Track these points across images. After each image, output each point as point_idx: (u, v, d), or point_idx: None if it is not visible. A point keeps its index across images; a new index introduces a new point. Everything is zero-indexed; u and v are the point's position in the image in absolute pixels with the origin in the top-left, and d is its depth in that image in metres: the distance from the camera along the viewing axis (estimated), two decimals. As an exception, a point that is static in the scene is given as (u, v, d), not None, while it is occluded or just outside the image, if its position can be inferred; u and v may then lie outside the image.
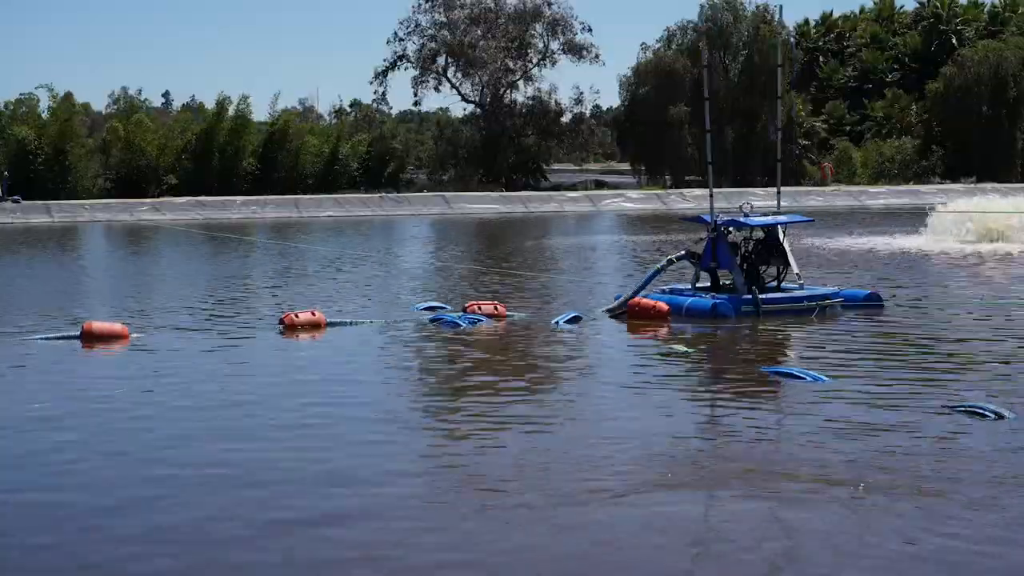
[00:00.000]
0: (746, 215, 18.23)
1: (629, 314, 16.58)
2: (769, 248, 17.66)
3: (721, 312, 16.42)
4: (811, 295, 17.26)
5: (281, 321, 15.88)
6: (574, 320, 16.24)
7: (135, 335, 15.10)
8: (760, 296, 16.77)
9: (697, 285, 17.73)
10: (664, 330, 15.86)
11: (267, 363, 13.77)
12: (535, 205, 52.88)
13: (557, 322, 16.02)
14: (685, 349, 13.81)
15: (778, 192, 21.54)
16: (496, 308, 16.82)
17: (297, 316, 15.80)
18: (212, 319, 17.48)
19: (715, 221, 17.72)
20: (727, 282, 17.54)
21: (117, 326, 15.27)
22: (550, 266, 25.74)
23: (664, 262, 18.08)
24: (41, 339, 14.99)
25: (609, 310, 17.10)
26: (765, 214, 19.42)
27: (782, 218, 18.53)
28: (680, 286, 17.88)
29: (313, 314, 16.00)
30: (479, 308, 16.67)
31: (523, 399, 11.33)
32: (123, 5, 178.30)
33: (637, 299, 16.87)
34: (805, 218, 21.67)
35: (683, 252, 18.47)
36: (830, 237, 31.86)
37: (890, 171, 64.99)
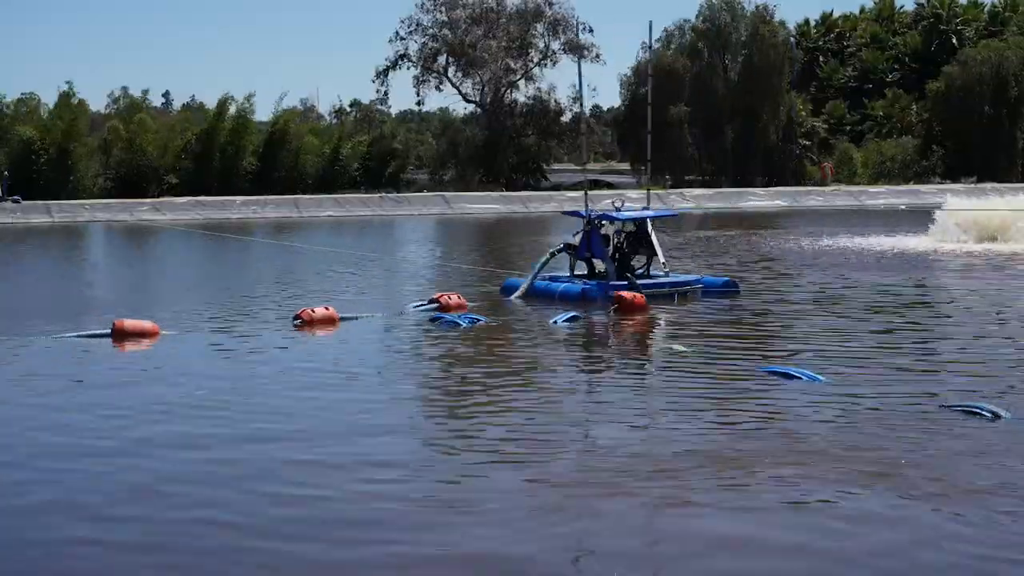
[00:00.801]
0: (617, 209, 19.94)
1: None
2: (639, 239, 19.60)
3: (589, 296, 18.12)
4: (674, 282, 19.26)
5: (298, 316, 16.16)
6: (572, 319, 16.35)
7: (164, 332, 15.22)
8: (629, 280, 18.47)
9: (575, 273, 19.60)
10: (658, 328, 15.94)
11: (323, 354, 14.11)
12: (535, 205, 52.90)
13: (556, 321, 16.14)
14: (683, 349, 13.82)
15: (648, 192, 25.36)
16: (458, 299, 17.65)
17: (314, 312, 16.16)
18: (235, 316, 17.74)
19: (589, 215, 19.55)
20: (600, 269, 19.41)
21: (147, 323, 15.39)
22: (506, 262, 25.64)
23: (548, 254, 19.81)
24: (73, 336, 15.09)
25: (519, 297, 18.62)
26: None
27: (648, 212, 20.47)
28: (560, 274, 19.65)
29: (327, 309, 16.36)
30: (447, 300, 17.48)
31: (520, 400, 11.31)
32: (123, 5, 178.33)
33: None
34: (671, 212, 24.32)
35: (562, 245, 20.03)
36: (829, 236, 31.91)
37: (890, 171, 65.03)
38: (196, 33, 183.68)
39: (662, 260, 19.59)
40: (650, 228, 19.66)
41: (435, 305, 17.14)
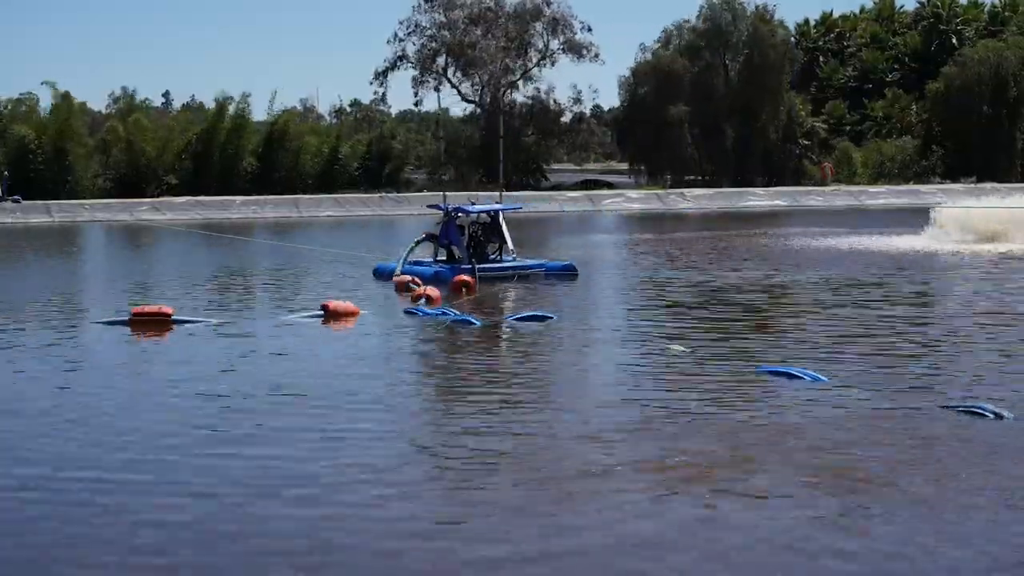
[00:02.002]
0: (472, 203, 23.41)
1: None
2: (491, 229, 22.73)
3: (441, 278, 20.82)
4: (519, 265, 22.38)
5: (324, 307, 17.12)
6: (540, 319, 16.58)
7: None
8: (478, 265, 21.34)
9: (437, 259, 22.49)
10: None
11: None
12: (535, 205, 52.87)
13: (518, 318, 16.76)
14: (682, 350, 13.81)
15: (501, 188, 28.03)
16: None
17: (336, 304, 17.28)
18: (265, 307, 19.13)
19: (447, 209, 22.68)
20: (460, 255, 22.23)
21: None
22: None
23: (413, 243, 22.78)
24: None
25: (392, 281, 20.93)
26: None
27: (497, 206, 23.63)
28: (424, 259, 22.54)
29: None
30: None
31: (511, 402, 11.29)
32: (123, 5, 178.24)
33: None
34: (516, 206, 27.51)
35: (424, 235, 23.28)
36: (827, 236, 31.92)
37: (890, 171, 65.00)
38: (196, 33, 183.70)
39: (510, 247, 22.80)
40: (502, 220, 22.88)
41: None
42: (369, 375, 12.72)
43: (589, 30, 66.40)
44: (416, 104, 72.05)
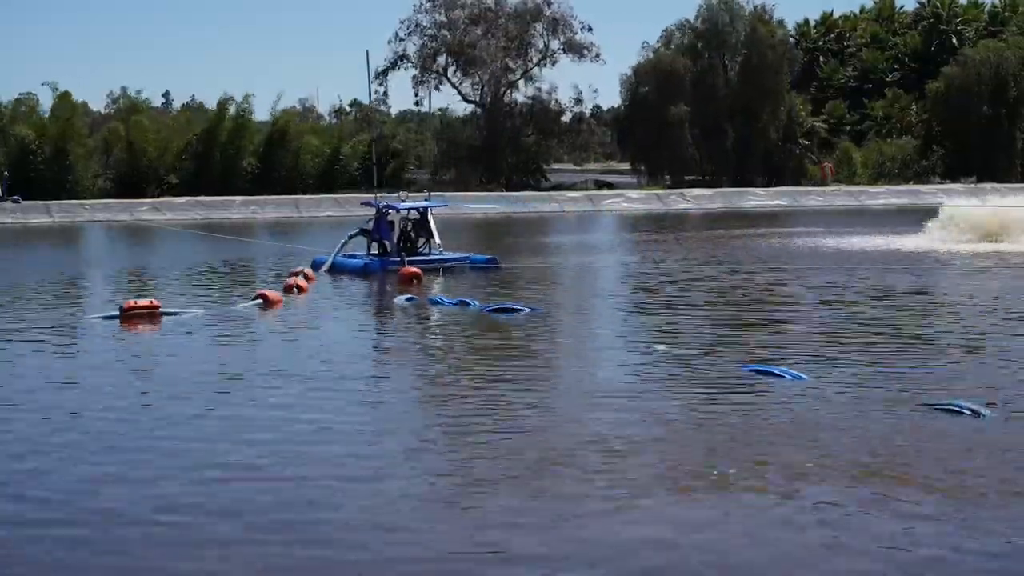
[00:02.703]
0: (402, 200, 25.33)
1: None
2: (420, 225, 24.50)
3: (369, 270, 22.87)
4: (445, 258, 23.96)
5: (262, 296, 18.24)
6: (462, 304, 17.94)
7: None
8: (408, 258, 22.99)
9: (370, 252, 24.17)
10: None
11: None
12: (535, 205, 52.89)
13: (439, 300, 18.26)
14: (666, 349, 13.81)
15: (429, 188, 30.43)
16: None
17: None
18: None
19: (378, 206, 24.51)
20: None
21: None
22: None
23: (347, 237, 24.43)
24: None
25: (325, 271, 22.45)
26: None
27: (422, 203, 25.35)
28: (358, 253, 24.18)
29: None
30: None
31: (495, 400, 11.26)
32: (123, 5, 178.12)
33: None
34: (442, 203, 28.96)
35: (357, 230, 24.87)
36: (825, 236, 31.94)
37: (890, 171, 65.01)
38: (196, 33, 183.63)
39: (437, 241, 24.44)
40: (430, 216, 24.58)
41: (259, 302, 17.99)
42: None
43: (589, 30, 66.53)
44: (417, 104, 72.16)
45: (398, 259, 22.95)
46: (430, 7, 65.92)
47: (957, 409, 10.03)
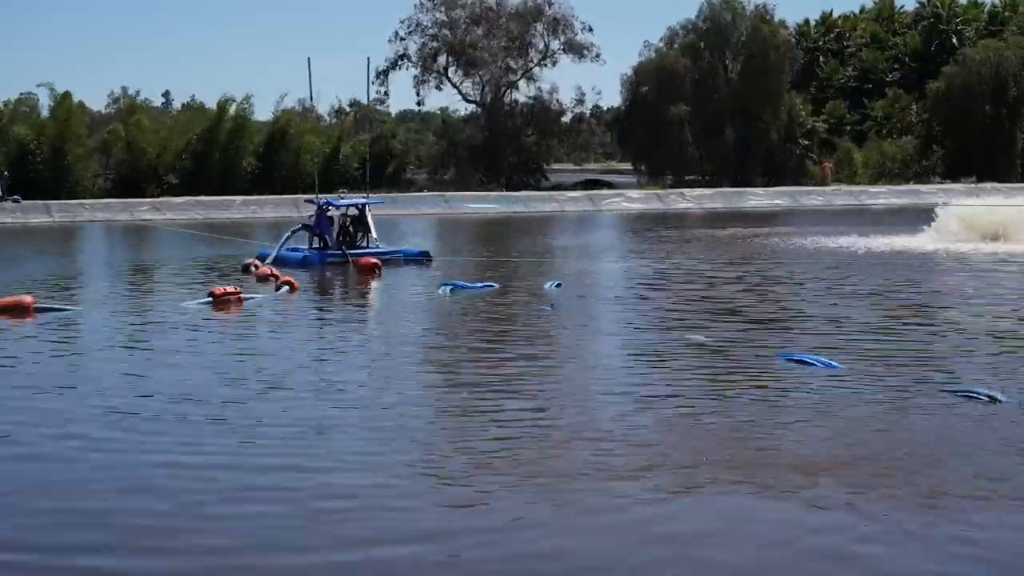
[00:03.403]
0: (341, 197, 27.60)
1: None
2: (359, 221, 25.99)
3: (309, 262, 24.57)
4: (381, 252, 25.23)
5: (211, 294, 18.22)
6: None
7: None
8: (348, 251, 24.75)
9: (312, 246, 25.66)
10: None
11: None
12: (535, 205, 52.88)
13: (447, 289, 19.29)
14: (703, 340, 13.87)
15: (367, 187, 31.43)
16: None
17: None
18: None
19: (319, 203, 26.10)
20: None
21: None
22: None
23: (290, 231, 26.17)
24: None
25: (269, 263, 23.51)
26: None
27: (360, 200, 27.05)
28: (300, 246, 25.73)
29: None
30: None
31: (520, 390, 11.24)
32: (123, 5, 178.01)
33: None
34: (379, 200, 30.69)
35: (300, 225, 26.68)
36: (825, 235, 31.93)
37: (890, 171, 65.02)
38: (196, 33, 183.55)
39: (374, 236, 26.12)
40: (368, 213, 26.12)
41: (210, 300, 18.19)
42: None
43: (590, 30, 66.54)
44: (419, 104, 72.17)
45: (338, 252, 24.84)
46: (431, 6, 65.96)
47: (974, 395, 10.32)
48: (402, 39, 66.25)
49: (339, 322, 17.45)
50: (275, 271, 22.05)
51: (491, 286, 20.09)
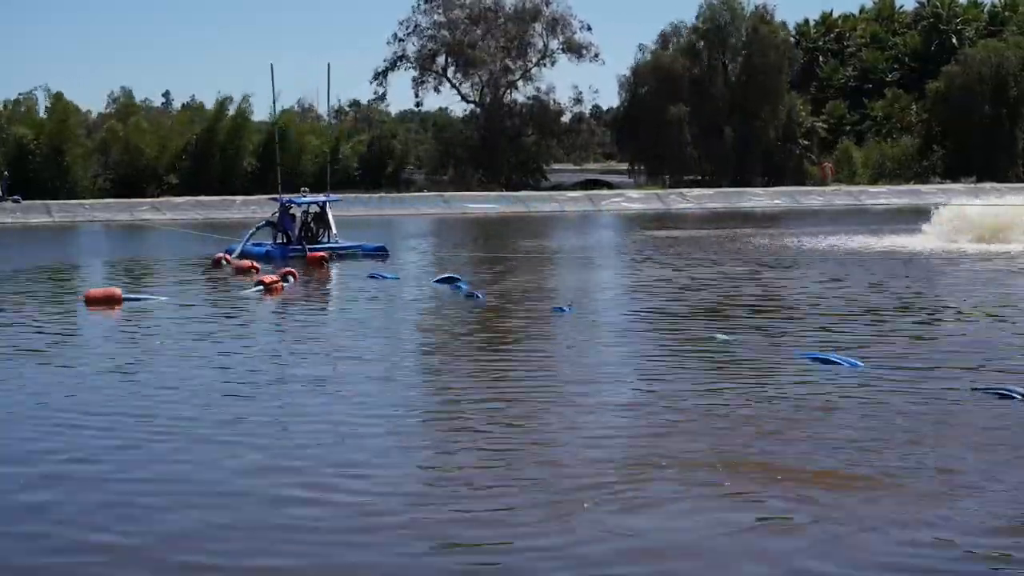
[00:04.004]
0: (302, 195, 29.29)
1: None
2: (319, 218, 27.71)
3: (271, 256, 25.73)
4: (341, 246, 27.17)
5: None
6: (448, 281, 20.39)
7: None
8: (309, 246, 26.18)
9: (276, 241, 27.22)
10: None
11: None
12: (535, 205, 52.88)
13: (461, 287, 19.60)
14: (725, 338, 13.87)
15: (327, 186, 32.41)
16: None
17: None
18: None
19: (281, 201, 27.98)
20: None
21: None
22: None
23: (255, 228, 27.81)
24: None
25: (236, 257, 24.89)
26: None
27: (321, 198, 28.69)
28: (264, 242, 27.23)
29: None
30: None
31: (542, 385, 11.21)
32: (123, 5, 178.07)
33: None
34: (336, 197, 31.34)
35: (264, 222, 28.31)
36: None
37: (890, 171, 65.06)
38: (196, 33, 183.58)
39: (334, 232, 27.73)
40: (328, 210, 27.85)
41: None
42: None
43: (589, 30, 66.62)
44: (417, 105, 72.20)
45: (299, 247, 26.36)
46: (429, 7, 65.98)
47: (1008, 394, 10.30)
48: (400, 40, 66.40)
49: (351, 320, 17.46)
50: (256, 263, 23.56)
51: (396, 278, 21.91)
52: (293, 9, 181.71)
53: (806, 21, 79.49)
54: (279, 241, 27.27)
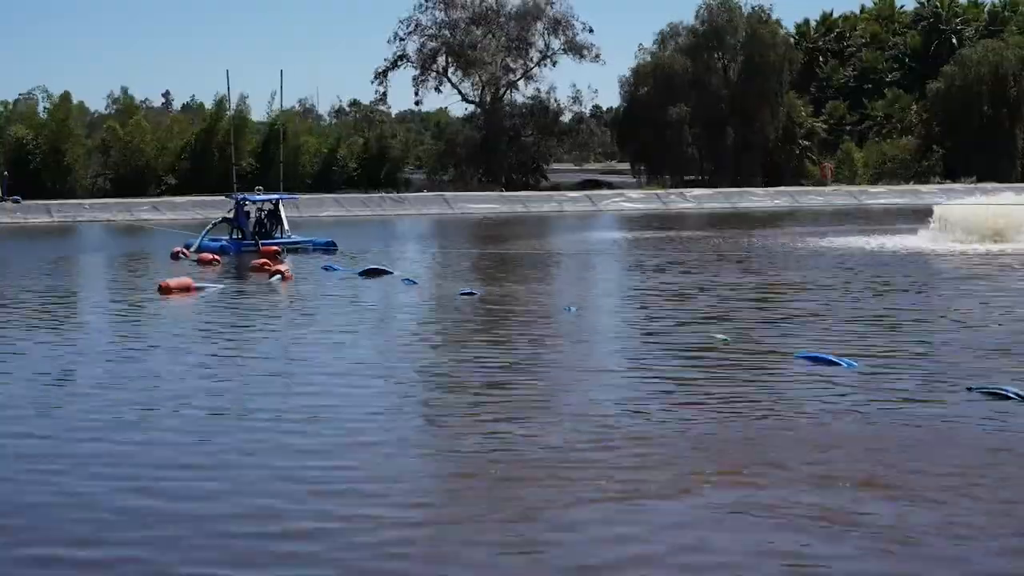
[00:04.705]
0: (257, 193, 31.15)
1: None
2: (273, 215, 29.69)
3: (225, 250, 27.63)
4: (293, 241, 29.24)
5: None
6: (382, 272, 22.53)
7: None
8: (262, 241, 28.17)
9: (232, 237, 29.10)
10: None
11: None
12: (535, 205, 52.87)
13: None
14: (724, 338, 13.89)
15: (281, 185, 34.98)
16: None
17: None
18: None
19: (236, 199, 29.85)
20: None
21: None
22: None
23: (212, 224, 29.84)
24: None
25: (194, 251, 27.10)
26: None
27: (275, 196, 30.67)
28: (220, 237, 29.11)
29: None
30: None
31: (537, 392, 11.22)
32: (123, 5, 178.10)
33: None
34: (292, 196, 34.27)
35: (221, 217, 30.27)
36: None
37: (890, 171, 65.03)
38: (196, 33, 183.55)
39: (286, 228, 29.81)
40: (280, 207, 29.94)
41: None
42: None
43: (590, 30, 66.52)
44: (417, 104, 72.12)
45: (251, 242, 28.23)
46: (430, 7, 65.92)
47: (1004, 394, 10.36)
48: (401, 39, 66.29)
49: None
50: (217, 257, 26.35)
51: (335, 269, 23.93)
52: (293, 9, 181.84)
53: (806, 21, 79.54)
54: (234, 236, 29.10)
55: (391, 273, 22.62)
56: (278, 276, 22.33)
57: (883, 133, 69.58)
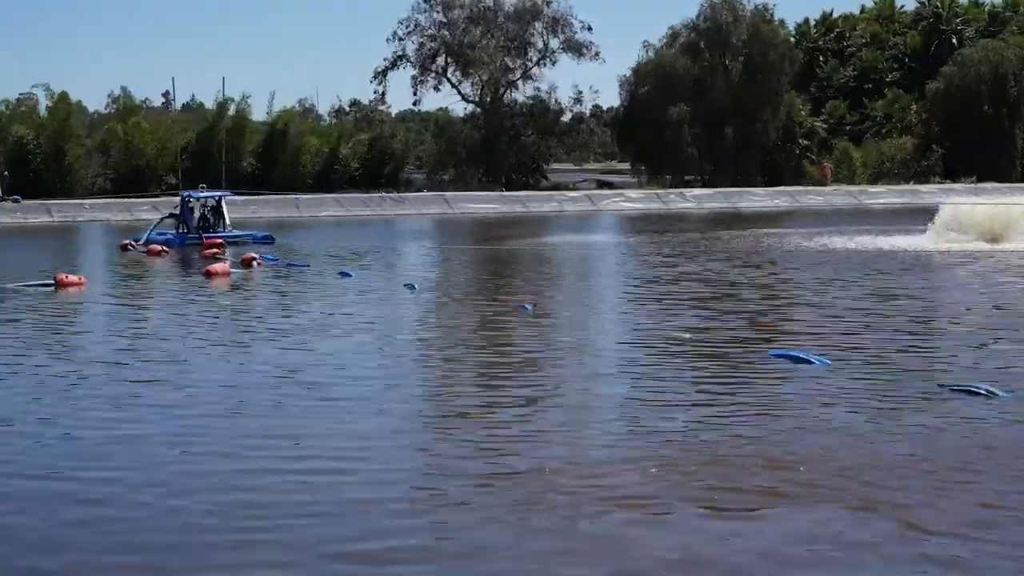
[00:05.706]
0: (201, 190, 33.38)
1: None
2: (216, 210, 31.85)
3: (171, 244, 29.88)
4: (234, 235, 31.06)
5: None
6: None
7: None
8: (204, 235, 30.06)
9: (177, 231, 31.38)
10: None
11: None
12: (535, 205, 52.90)
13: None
14: (688, 336, 13.89)
15: (223, 182, 38.39)
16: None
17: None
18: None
19: (182, 196, 32.45)
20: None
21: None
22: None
23: (159, 219, 32.60)
24: None
25: (142, 244, 29.34)
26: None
27: (217, 193, 33.12)
28: (166, 231, 31.51)
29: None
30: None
31: (513, 387, 11.22)
32: (123, 5, 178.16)
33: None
34: (232, 194, 35.60)
35: (167, 214, 32.86)
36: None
37: (890, 171, 65.09)
38: (195, 33, 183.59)
39: (227, 223, 31.81)
40: (223, 204, 32.08)
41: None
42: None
43: (589, 29, 66.57)
44: (416, 104, 72.17)
45: (195, 236, 30.29)
46: (429, 7, 65.97)
47: (973, 391, 10.34)
48: (400, 39, 66.35)
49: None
50: (166, 248, 28.94)
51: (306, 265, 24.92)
52: (293, 9, 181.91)
53: (806, 21, 79.58)
54: (180, 231, 31.38)
55: (307, 266, 24.58)
56: (221, 260, 24.58)
57: (883, 133, 69.63)
